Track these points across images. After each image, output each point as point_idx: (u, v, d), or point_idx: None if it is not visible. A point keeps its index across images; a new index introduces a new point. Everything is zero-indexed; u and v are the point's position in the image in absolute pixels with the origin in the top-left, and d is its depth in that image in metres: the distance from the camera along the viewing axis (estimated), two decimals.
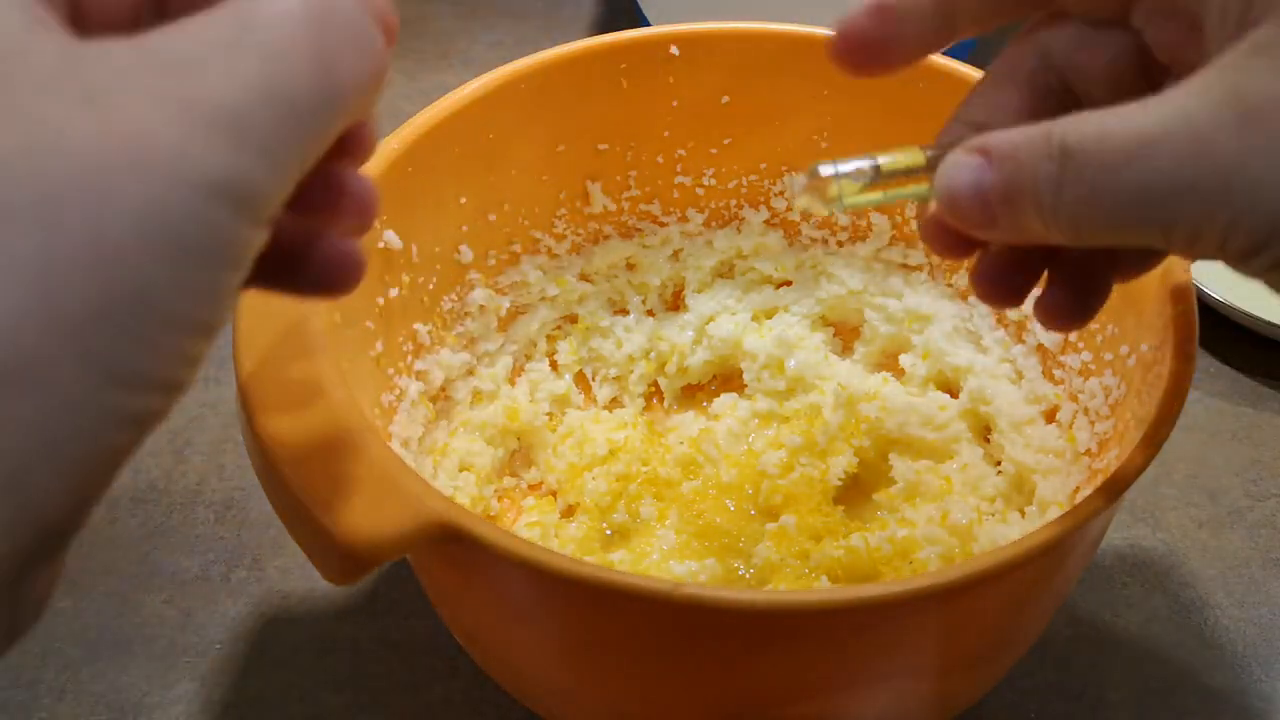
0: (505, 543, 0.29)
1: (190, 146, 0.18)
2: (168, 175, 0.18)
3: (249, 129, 0.19)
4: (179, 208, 0.18)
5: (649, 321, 0.52)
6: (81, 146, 0.18)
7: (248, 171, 0.19)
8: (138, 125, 0.18)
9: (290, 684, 0.44)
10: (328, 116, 0.21)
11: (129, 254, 0.18)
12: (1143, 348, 0.37)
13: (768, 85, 0.47)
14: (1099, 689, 0.44)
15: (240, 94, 0.19)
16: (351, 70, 0.21)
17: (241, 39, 0.20)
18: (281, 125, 0.20)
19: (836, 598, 0.29)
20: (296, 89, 0.20)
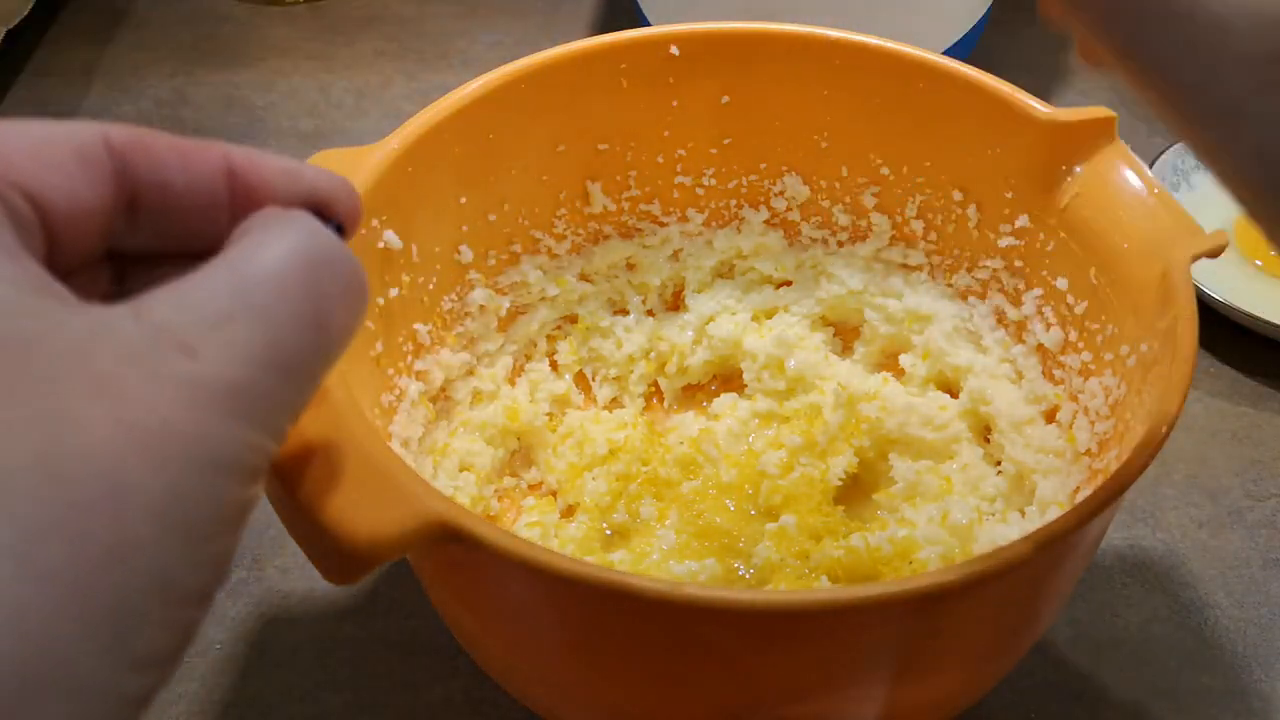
0: (505, 543, 0.29)
1: (200, 429, 0.19)
2: (182, 461, 0.18)
3: (253, 401, 0.20)
4: (193, 491, 0.19)
5: (649, 321, 0.52)
6: (98, 443, 0.18)
7: (255, 442, 0.20)
8: (149, 413, 0.18)
9: (290, 684, 0.44)
10: (324, 367, 0.21)
11: (148, 543, 0.18)
12: (1143, 348, 0.37)
13: (768, 85, 0.47)
14: (1099, 689, 0.44)
15: (243, 368, 0.19)
16: (344, 318, 0.22)
17: (239, 305, 0.20)
18: (283, 390, 0.20)
19: (836, 598, 0.29)
20: (295, 351, 0.20)
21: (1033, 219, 0.44)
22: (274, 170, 0.24)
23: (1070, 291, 0.43)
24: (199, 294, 0.20)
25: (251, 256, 0.21)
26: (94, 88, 0.72)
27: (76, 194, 0.21)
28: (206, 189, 0.23)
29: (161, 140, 0.23)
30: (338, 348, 0.22)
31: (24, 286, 0.19)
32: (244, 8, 0.79)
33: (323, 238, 0.22)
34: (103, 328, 0.19)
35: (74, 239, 0.22)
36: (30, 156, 0.21)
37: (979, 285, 0.48)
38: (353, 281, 0.22)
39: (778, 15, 0.47)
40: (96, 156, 0.22)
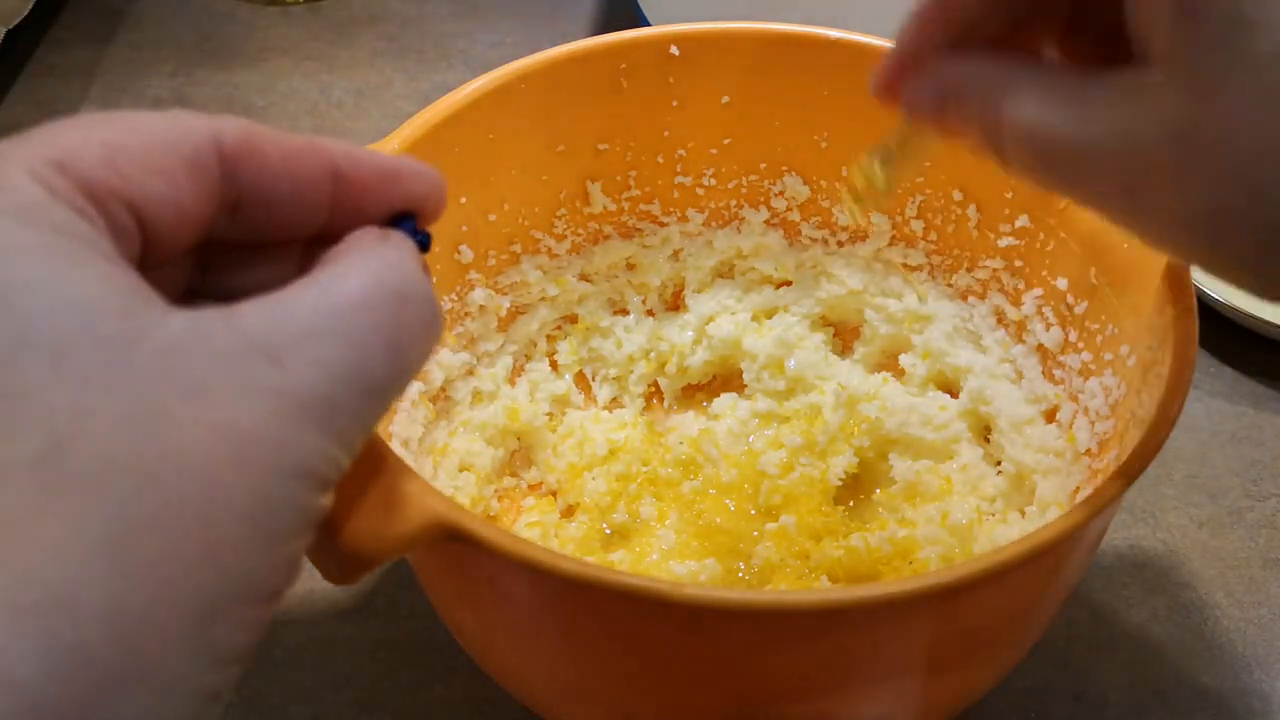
0: (505, 543, 0.29)
1: (284, 437, 0.19)
2: (266, 467, 0.19)
3: (333, 415, 0.20)
4: (276, 496, 0.19)
5: (649, 321, 0.52)
6: (191, 444, 0.18)
7: (332, 454, 0.20)
8: (237, 418, 0.19)
9: (290, 684, 0.44)
10: (397, 390, 0.22)
11: (233, 545, 0.19)
12: (1143, 348, 0.37)
13: (768, 85, 0.47)
14: (1099, 689, 0.44)
15: (326, 384, 0.20)
16: (420, 347, 0.23)
17: (326, 324, 0.21)
18: (360, 407, 0.21)
19: (836, 598, 0.29)
20: (374, 373, 0.21)
21: (1033, 219, 0.44)
22: (375, 173, 0.25)
23: (1070, 291, 0.43)
24: (289, 309, 0.21)
25: (340, 281, 0.22)
26: (94, 88, 0.72)
27: (181, 203, 0.22)
28: (310, 193, 0.24)
29: (271, 144, 0.23)
30: (411, 373, 0.23)
31: (123, 292, 0.20)
32: (244, 8, 0.79)
33: (406, 271, 0.23)
34: (196, 332, 0.20)
35: (171, 241, 0.22)
36: (140, 165, 0.21)
37: (979, 285, 0.48)
38: (429, 314, 0.23)
39: (777, 15, 0.47)
40: (206, 164, 0.22)
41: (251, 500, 0.19)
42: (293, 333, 0.20)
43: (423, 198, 0.26)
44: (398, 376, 0.22)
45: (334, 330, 0.21)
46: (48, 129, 0.21)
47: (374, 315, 0.22)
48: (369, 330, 0.21)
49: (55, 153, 0.21)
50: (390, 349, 0.22)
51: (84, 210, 0.20)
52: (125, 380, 0.18)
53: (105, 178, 0.21)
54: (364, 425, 0.22)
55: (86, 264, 0.20)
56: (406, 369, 0.22)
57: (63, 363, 0.18)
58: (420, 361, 0.23)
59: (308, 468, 0.20)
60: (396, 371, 0.22)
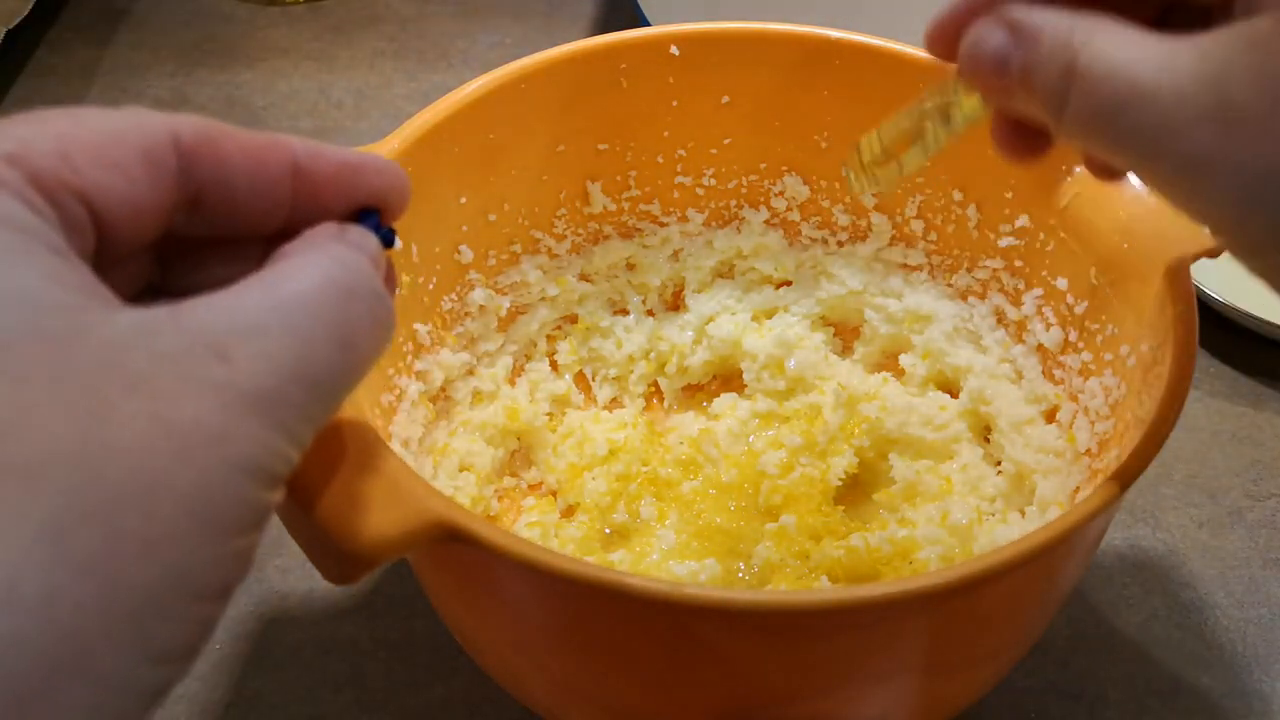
0: (505, 543, 0.29)
1: (229, 431, 0.19)
2: (211, 461, 0.19)
3: (280, 410, 0.20)
4: (220, 489, 0.19)
5: (649, 321, 0.52)
6: (133, 438, 0.18)
7: (276, 448, 0.20)
8: (181, 413, 0.19)
9: (290, 684, 0.44)
10: (346, 387, 0.22)
11: (177, 540, 0.19)
12: (1143, 348, 0.37)
13: (768, 85, 0.47)
14: (1099, 689, 0.44)
15: (272, 378, 0.20)
16: (370, 344, 0.23)
17: (273, 320, 0.21)
18: (307, 403, 0.21)
19: (836, 598, 0.29)
20: (321, 369, 0.21)
21: (1033, 219, 0.44)
22: (336, 168, 0.25)
23: (1070, 291, 0.43)
24: (236, 305, 0.21)
25: (289, 278, 0.22)
26: (94, 88, 0.72)
27: (137, 197, 0.22)
28: (270, 189, 0.24)
29: (230, 140, 0.23)
30: (361, 370, 0.23)
31: (70, 286, 0.20)
32: (244, 8, 0.79)
33: (354, 268, 0.23)
34: (141, 329, 0.20)
35: (128, 236, 0.22)
36: (93, 158, 0.21)
37: (979, 285, 0.48)
38: (378, 311, 0.23)
39: (777, 15, 0.47)
40: (163, 158, 0.22)
41: (195, 494, 0.19)
42: (239, 329, 0.20)
43: (385, 193, 0.26)
44: (346, 372, 0.22)
45: (280, 326, 0.21)
46: (1, 123, 0.21)
47: (321, 311, 0.22)
48: (316, 326, 0.21)
49: (7, 145, 0.20)
50: (337, 345, 0.22)
51: (34, 203, 0.20)
52: (67, 374, 0.18)
53: (57, 170, 0.21)
54: (312, 421, 0.22)
55: (32, 257, 0.19)
56: (355, 365, 0.22)
57: (3, 357, 0.18)
58: (371, 357, 0.23)
59: (254, 462, 0.20)
60: (344, 367, 0.22)
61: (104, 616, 0.18)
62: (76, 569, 0.17)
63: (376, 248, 0.25)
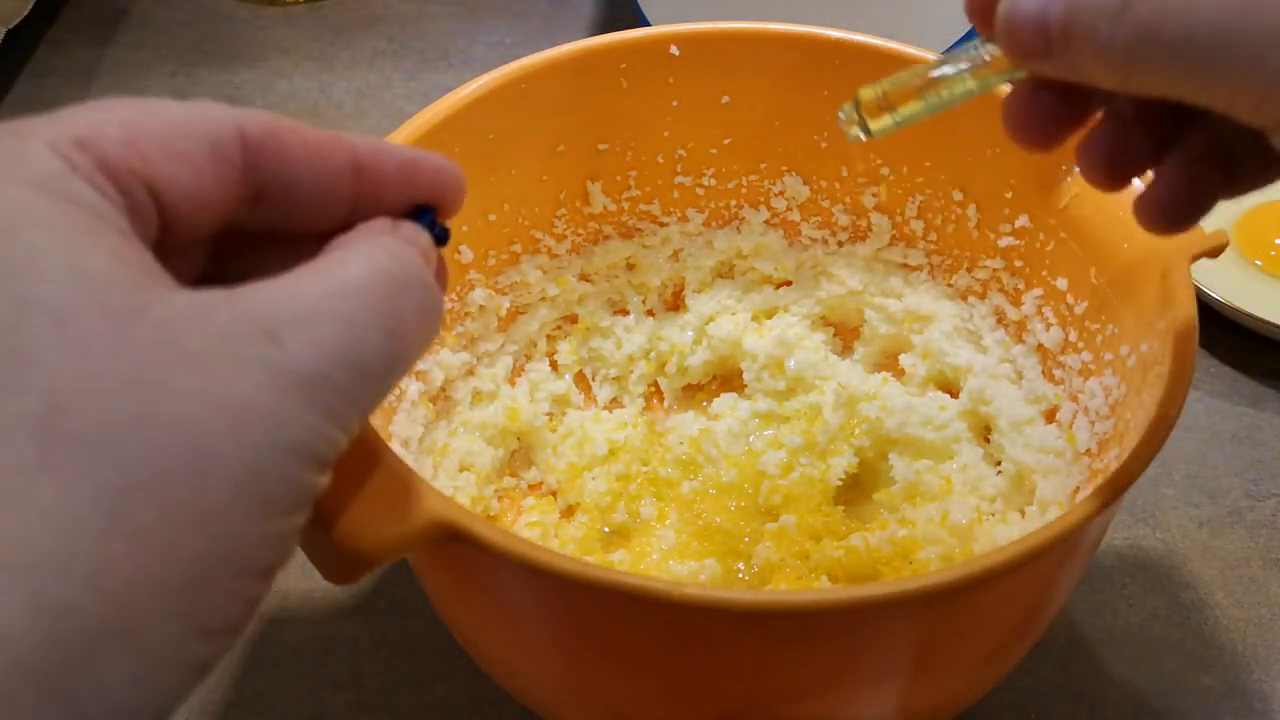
0: (505, 543, 0.29)
1: (280, 413, 0.20)
2: (262, 441, 0.20)
3: (330, 395, 0.21)
4: (270, 471, 0.20)
5: (649, 321, 0.52)
6: (188, 414, 0.19)
7: (326, 433, 0.21)
8: (234, 391, 0.19)
9: (290, 684, 0.44)
10: (393, 376, 0.23)
11: (226, 516, 0.19)
12: (1143, 348, 0.37)
13: (768, 85, 0.47)
14: (1099, 689, 0.44)
15: (323, 364, 0.21)
16: (418, 334, 0.23)
17: (324, 307, 0.21)
18: (355, 388, 0.21)
19: (836, 598, 0.29)
20: (370, 356, 0.22)
21: (1033, 219, 0.44)
22: (397, 166, 0.25)
23: (1070, 291, 0.43)
24: (289, 291, 0.21)
25: (340, 267, 0.22)
26: (94, 88, 0.72)
27: (201, 189, 0.22)
28: (331, 185, 0.25)
29: (294, 135, 0.24)
30: (408, 360, 0.23)
31: (132, 266, 0.20)
32: (244, 8, 0.79)
33: (405, 260, 0.23)
34: (198, 309, 0.20)
35: (190, 226, 0.23)
36: (161, 148, 0.22)
37: (979, 285, 0.48)
38: (427, 302, 0.24)
39: (777, 15, 0.47)
40: (229, 151, 0.23)
41: (245, 473, 0.19)
42: (292, 314, 0.21)
43: (442, 191, 0.26)
44: (394, 361, 0.22)
45: (330, 313, 0.21)
46: (73, 109, 0.22)
47: (371, 300, 0.22)
48: (366, 314, 0.22)
49: (78, 130, 0.21)
50: (386, 333, 0.22)
51: (102, 187, 0.21)
52: (127, 349, 0.19)
53: (126, 158, 0.21)
54: (360, 407, 0.22)
55: (98, 237, 0.20)
56: (403, 354, 0.23)
57: (66, 328, 0.19)
58: (419, 348, 0.23)
59: (303, 444, 0.20)
60: (392, 356, 0.22)
61: (154, 588, 0.18)
62: (129, 540, 0.18)
63: (428, 243, 0.26)
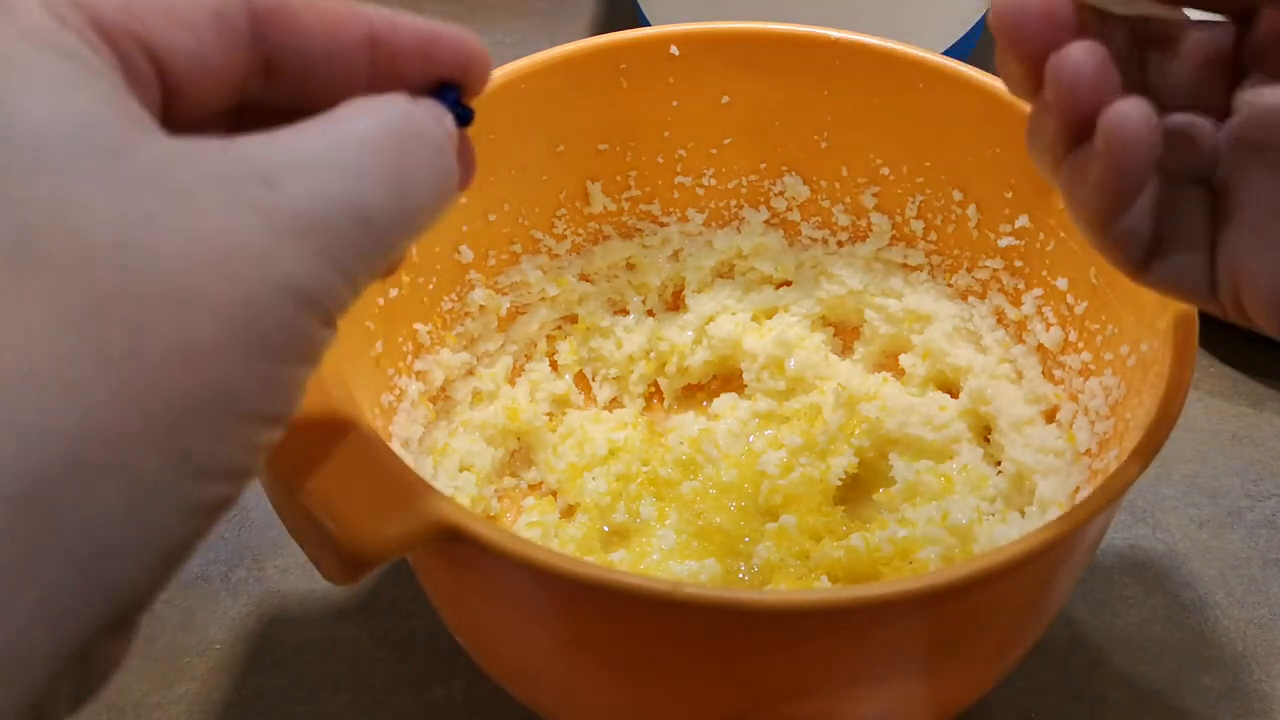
0: (505, 543, 0.29)
1: (272, 252, 0.19)
2: (252, 279, 0.19)
3: (327, 239, 0.20)
4: (260, 309, 0.19)
5: (649, 321, 0.52)
6: (171, 245, 0.18)
7: (324, 279, 0.20)
8: (224, 228, 0.19)
9: (290, 684, 0.44)
10: (399, 233, 0.22)
11: (212, 352, 0.19)
12: (1143, 348, 0.37)
13: (768, 85, 0.47)
14: (1099, 689, 0.44)
15: (321, 209, 0.20)
16: (428, 194, 0.23)
17: (325, 156, 0.21)
18: (357, 239, 0.21)
19: (836, 598, 0.29)
20: (373, 207, 0.21)
21: (1033, 219, 0.44)
22: (414, 38, 0.25)
23: (1070, 291, 0.43)
24: (288, 140, 0.21)
25: (346, 120, 0.22)
26: None
27: (205, 57, 0.22)
28: (345, 59, 0.24)
29: (304, 6, 0.23)
30: (417, 219, 0.22)
31: (119, 110, 0.20)
32: None
33: (416, 118, 0.23)
34: (189, 151, 0.20)
35: (197, 98, 0.22)
36: (161, 14, 0.21)
37: (979, 285, 0.48)
38: (440, 163, 0.23)
39: (777, 15, 0.47)
40: (234, 20, 0.22)
41: (234, 311, 0.19)
42: (289, 161, 0.20)
43: (465, 66, 0.26)
44: (401, 217, 0.22)
45: (332, 161, 0.21)
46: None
47: (376, 152, 0.21)
48: (370, 165, 0.21)
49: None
50: (392, 186, 0.21)
51: (93, 43, 0.20)
52: (108, 182, 0.18)
53: (122, 20, 0.21)
54: (365, 259, 0.21)
55: (85, 84, 0.19)
56: (411, 211, 0.22)
57: (44, 159, 0.18)
58: (429, 210, 0.23)
59: (298, 287, 0.20)
60: (399, 210, 0.22)
61: (136, 419, 0.18)
62: (107, 368, 0.17)
63: (448, 119, 0.25)
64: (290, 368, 0.20)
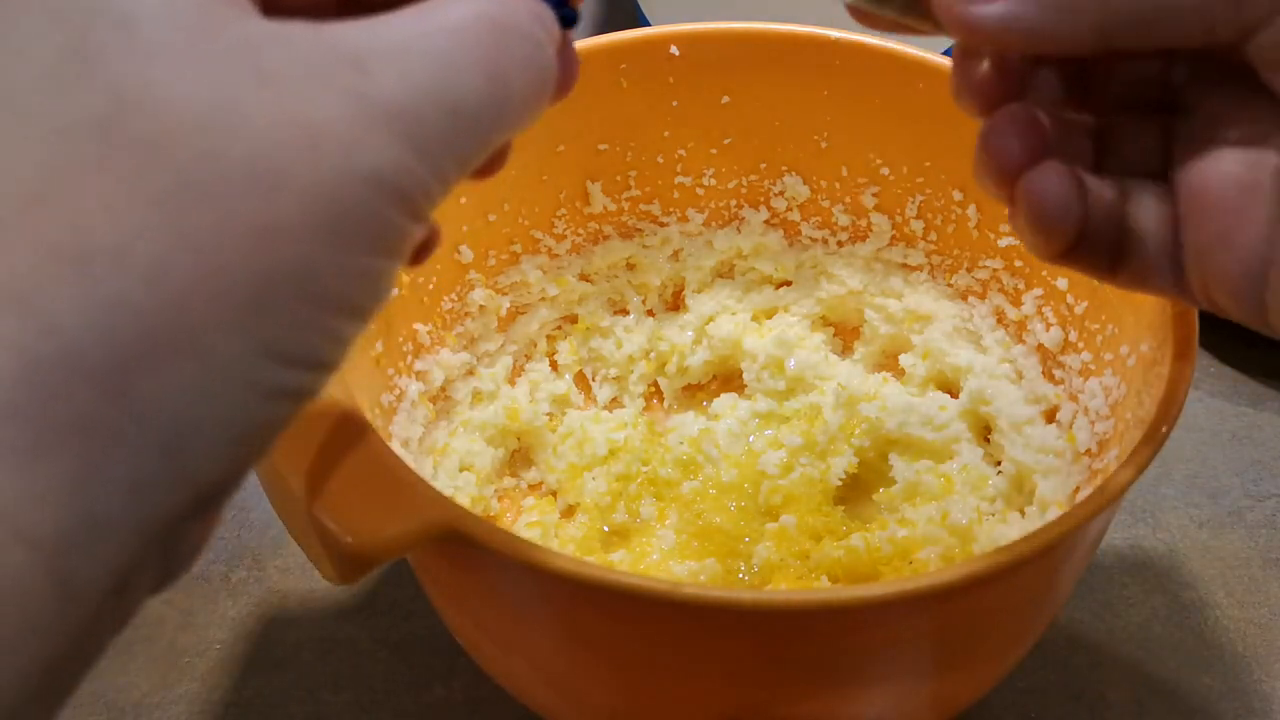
0: (505, 543, 0.29)
1: (359, 138, 0.19)
2: (336, 163, 0.19)
3: (415, 130, 0.20)
4: (345, 195, 0.19)
5: (649, 321, 0.52)
6: (257, 126, 0.18)
7: (411, 169, 0.20)
8: (310, 112, 0.19)
9: (290, 684, 0.44)
10: (492, 127, 0.22)
11: (295, 236, 0.18)
12: (1143, 348, 0.37)
13: (768, 85, 0.47)
14: (1099, 689, 0.44)
15: (412, 97, 0.20)
16: (523, 87, 0.22)
17: (417, 44, 0.20)
18: (447, 130, 0.20)
19: (836, 598, 0.30)
20: (465, 98, 0.21)
21: None
22: None
23: (1070, 291, 0.43)
24: (379, 27, 0.20)
25: (440, 8, 0.21)
26: None
27: None
28: None
29: None
30: (511, 113, 0.22)
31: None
32: None
33: (514, 11, 0.22)
34: (279, 33, 0.19)
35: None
36: None
37: (979, 285, 0.48)
38: (536, 57, 0.22)
39: (777, 15, 0.47)
40: None
41: (319, 196, 0.18)
42: (381, 47, 0.20)
43: None
44: (494, 110, 0.21)
45: (422, 49, 0.20)
46: None
47: (469, 41, 0.21)
48: (462, 54, 0.21)
49: None
50: (484, 75, 0.21)
51: None
52: (197, 60, 0.18)
53: None
54: (455, 153, 0.21)
55: None
56: (503, 102, 0.21)
57: (136, 34, 0.18)
58: (524, 105, 0.22)
59: (385, 175, 0.19)
60: (492, 104, 0.21)
61: (215, 297, 0.18)
62: (189, 245, 0.17)
63: (549, 16, 0.24)
64: (374, 259, 0.20)
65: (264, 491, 0.32)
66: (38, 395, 0.16)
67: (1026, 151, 0.26)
